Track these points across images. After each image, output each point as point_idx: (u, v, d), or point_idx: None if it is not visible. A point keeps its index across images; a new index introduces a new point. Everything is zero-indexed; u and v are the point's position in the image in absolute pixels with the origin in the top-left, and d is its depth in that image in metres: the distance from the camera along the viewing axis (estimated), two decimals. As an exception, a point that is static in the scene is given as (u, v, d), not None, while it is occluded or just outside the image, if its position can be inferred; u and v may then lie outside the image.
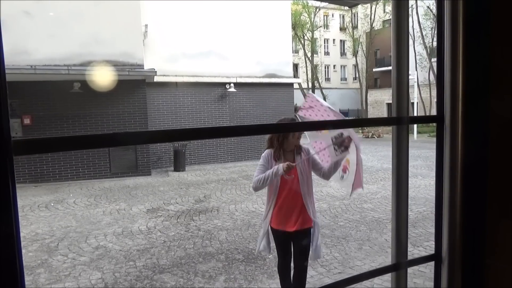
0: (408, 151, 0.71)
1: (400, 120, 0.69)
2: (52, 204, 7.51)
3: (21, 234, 5.86)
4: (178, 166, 11.53)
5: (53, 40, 9.02)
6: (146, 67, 10.46)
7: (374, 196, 7.47)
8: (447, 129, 0.71)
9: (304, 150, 2.85)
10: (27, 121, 9.65)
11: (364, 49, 35.50)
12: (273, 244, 2.94)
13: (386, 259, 4.22)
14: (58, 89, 9.69)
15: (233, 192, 8.23)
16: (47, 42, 8.96)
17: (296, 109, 23.16)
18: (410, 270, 3.80)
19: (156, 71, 10.41)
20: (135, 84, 10.53)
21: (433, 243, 0.77)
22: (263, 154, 2.83)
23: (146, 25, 11.47)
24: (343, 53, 40.66)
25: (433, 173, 0.76)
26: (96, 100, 10.10)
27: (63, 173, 10.07)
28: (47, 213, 6.81)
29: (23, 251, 4.90)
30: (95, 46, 9.44)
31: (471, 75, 0.70)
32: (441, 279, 0.72)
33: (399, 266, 0.70)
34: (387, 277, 3.35)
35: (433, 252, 0.77)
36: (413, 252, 4.54)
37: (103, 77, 9.49)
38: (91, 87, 9.48)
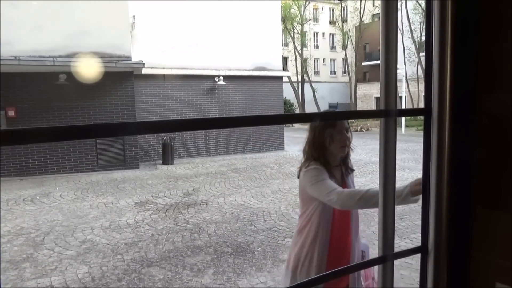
0: (396, 144, 0.70)
1: (388, 113, 0.69)
2: (38, 198, 7.40)
3: (6, 228, 5.76)
4: (167, 159, 11.46)
5: (38, 30, 8.81)
6: (133, 59, 10.31)
7: (362, 189, 7.54)
8: (434, 122, 0.71)
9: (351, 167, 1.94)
10: (11, 113, 9.45)
11: (354, 43, 35.59)
12: None
13: (373, 251, 4.27)
14: (43, 81, 9.50)
15: (222, 186, 8.22)
16: (32, 33, 8.75)
17: (286, 102, 23.02)
18: (396, 261, 3.86)
19: (144, 63, 10.27)
20: (122, 76, 10.39)
21: (419, 235, 0.77)
22: (317, 167, 1.75)
23: (133, 16, 11.29)
24: (332, 47, 40.72)
25: (420, 166, 0.76)
26: (83, 92, 9.93)
27: (49, 166, 9.92)
28: (33, 207, 6.71)
29: (8, 245, 4.83)
30: (81, 37, 9.26)
31: (459, 69, 0.70)
32: (427, 271, 0.72)
33: (386, 258, 0.70)
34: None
35: (419, 244, 0.77)
36: (400, 244, 4.60)
37: (89, 69, 9.33)
38: (77, 79, 9.32)
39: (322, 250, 1.77)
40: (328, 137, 1.76)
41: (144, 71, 11.00)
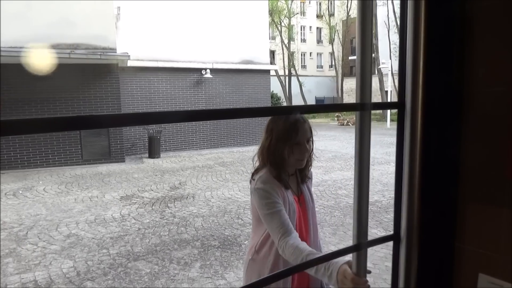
0: (370, 136, 0.72)
1: (363, 106, 0.71)
2: (20, 192, 7.26)
3: (-13, 223, 5.62)
4: (153, 152, 11.36)
5: (19, 20, 8.57)
6: (118, 51, 10.14)
7: (348, 183, 7.62)
8: (407, 115, 0.74)
9: (310, 176, 1.73)
10: (-8, 105, 9.22)
11: (341, 37, 35.73)
12: None
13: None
14: (25, 73, 9.27)
15: (209, 179, 8.20)
16: (13, 23, 8.51)
17: (273, 96, 23.06)
18: (381, 253, 3.90)
19: (129, 55, 10.12)
20: (107, 69, 10.21)
21: None
22: (267, 186, 1.51)
23: (118, 8, 11.09)
24: (319, 41, 40.81)
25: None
26: (66, 85, 9.74)
27: (32, 159, 9.73)
28: (15, 201, 6.58)
29: (-10, 240, 4.74)
30: (65, 27, 9.05)
31: (432, 65, 0.73)
32: (399, 257, 0.74)
33: (360, 246, 0.73)
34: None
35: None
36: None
37: (73, 61, 9.14)
38: (61, 70, 9.12)
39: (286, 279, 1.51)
40: (287, 147, 1.50)
41: (130, 63, 10.84)
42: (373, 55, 26.94)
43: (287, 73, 33.74)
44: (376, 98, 31.04)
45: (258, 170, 1.60)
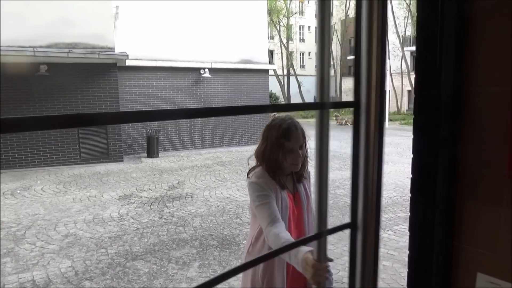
0: (329, 133, 0.77)
1: (323, 105, 0.75)
2: (18, 191, 7.24)
3: (-15, 223, 5.61)
4: (152, 152, 11.35)
5: (17, 19, 8.55)
6: (117, 50, 10.12)
7: (346, 182, 7.63)
8: (362, 113, 0.77)
9: (308, 176, 1.84)
10: (-11, 104, 9.18)
11: (339, 36, 35.76)
12: None
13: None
14: (23, 72, 9.25)
15: (207, 179, 8.20)
16: (10, 21, 8.48)
17: (271, 95, 23.02)
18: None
19: (127, 55, 10.10)
20: (105, 68, 10.19)
21: (402, 226, 0.82)
22: (260, 181, 1.63)
23: (117, 7, 11.06)
24: (318, 40, 40.77)
25: (403, 160, 0.80)
26: (64, 84, 9.71)
27: (30, 159, 9.70)
28: (13, 201, 6.57)
29: (-12, 240, 4.73)
30: (63, 26, 9.02)
31: (384, 66, 0.77)
32: (356, 244, 0.79)
33: (321, 235, 0.78)
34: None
35: (403, 238, 0.80)
36: (383, 236, 4.68)
37: (71, 60, 9.12)
38: (59, 70, 9.10)
39: (282, 265, 1.64)
40: (280, 154, 1.63)
41: (128, 62, 10.82)
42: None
43: (285, 72, 33.75)
44: (374, 98, 31.09)
45: (254, 168, 1.74)
